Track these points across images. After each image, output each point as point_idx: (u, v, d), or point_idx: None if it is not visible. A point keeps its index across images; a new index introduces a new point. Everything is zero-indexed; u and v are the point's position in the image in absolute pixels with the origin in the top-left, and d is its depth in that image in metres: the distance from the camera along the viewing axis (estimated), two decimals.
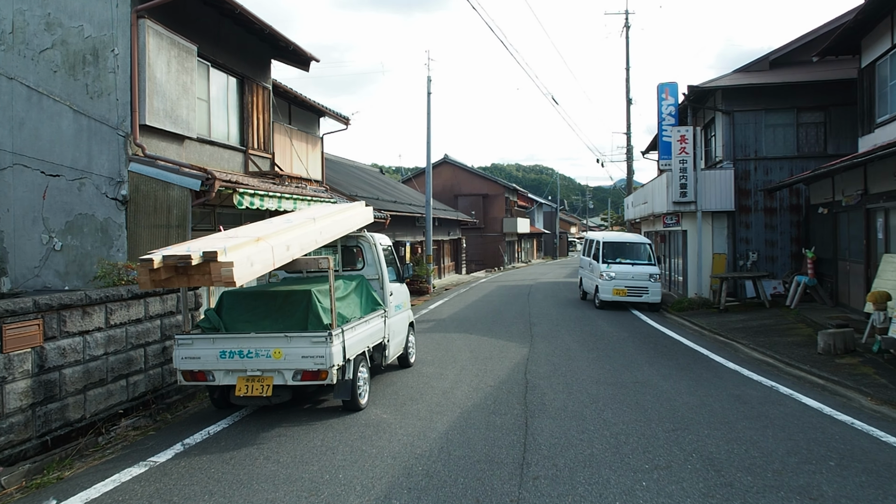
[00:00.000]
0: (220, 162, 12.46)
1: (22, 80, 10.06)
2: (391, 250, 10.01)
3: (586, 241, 21.67)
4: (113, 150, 9.86)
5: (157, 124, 10.19)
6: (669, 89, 21.52)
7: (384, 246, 9.63)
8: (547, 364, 10.31)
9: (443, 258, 34.51)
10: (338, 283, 8.22)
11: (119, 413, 7.65)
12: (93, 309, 7.31)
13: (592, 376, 9.38)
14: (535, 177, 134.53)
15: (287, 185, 14.16)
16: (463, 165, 50.48)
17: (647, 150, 29.47)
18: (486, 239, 48.21)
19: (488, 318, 16.48)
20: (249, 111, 13.63)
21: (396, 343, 9.40)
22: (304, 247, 7.15)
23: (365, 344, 7.94)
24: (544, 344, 12.29)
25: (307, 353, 6.80)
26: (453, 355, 11.15)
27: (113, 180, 9.86)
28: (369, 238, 9.06)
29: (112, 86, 9.87)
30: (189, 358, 7.07)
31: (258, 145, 13.99)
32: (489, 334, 13.59)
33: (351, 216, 8.98)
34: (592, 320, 15.85)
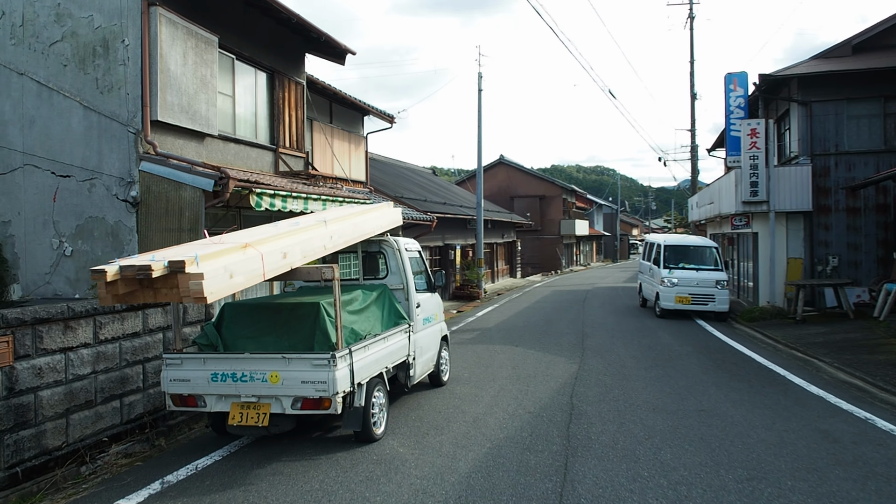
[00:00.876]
0: (247, 161, 11.71)
1: (32, 75, 9.50)
2: (420, 256, 8.99)
3: (646, 244, 20.16)
4: (123, 149, 9.19)
5: (172, 120, 9.46)
6: (738, 79, 19.82)
7: (411, 251, 8.61)
8: (597, 385, 9.07)
9: (496, 261, 33.35)
10: (355, 295, 7.26)
11: (109, 439, 6.87)
12: (77, 323, 6.55)
13: (649, 401, 8.12)
14: (595, 178, 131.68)
15: (320, 185, 13.34)
16: (519, 166, 49.18)
17: (714, 148, 27.58)
18: (543, 241, 46.75)
19: (538, 327, 15.27)
20: (280, 108, 12.87)
21: (425, 361, 8.37)
22: (307, 253, 6.20)
23: (382, 364, 6.93)
24: (596, 359, 11.03)
25: (308, 378, 5.83)
26: (493, 372, 10.04)
27: (123, 181, 9.18)
28: (392, 242, 8.06)
29: (122, 79, 9.19)
30: (178, 380, 6.21)
31: (290, 144, 13.21)
32: (536, 347, 12.40)
33: (372, 218, 8.00)
34: (652, 331, 14.43)
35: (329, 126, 17.72)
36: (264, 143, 12.38)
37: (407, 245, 8.41)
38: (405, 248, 8.20)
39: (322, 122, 17.32)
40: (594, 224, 59.97)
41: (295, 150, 13.37)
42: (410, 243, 8.65)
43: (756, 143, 16.67)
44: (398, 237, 8.29)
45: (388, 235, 8.15)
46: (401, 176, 27.76)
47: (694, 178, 31.20)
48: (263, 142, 12.37)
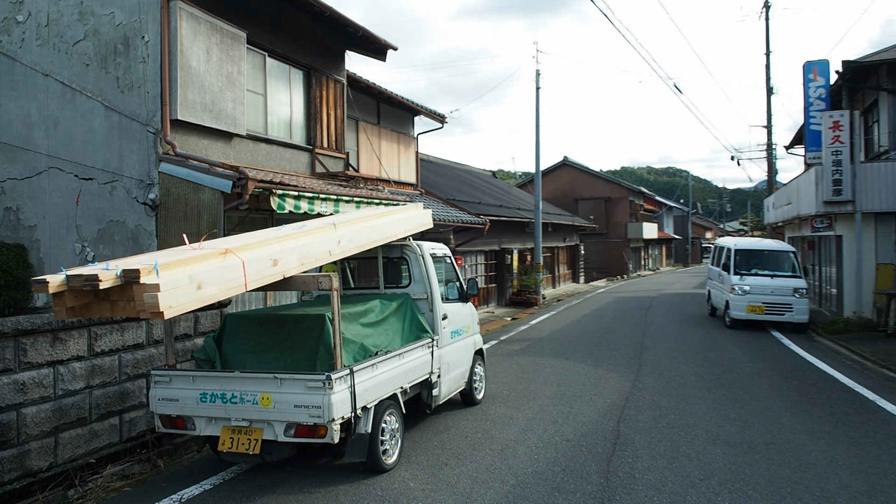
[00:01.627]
0: (279, 162, 11.22)
1: (57, 76, 9.25)
2: (450, 262, 8.19)
3: (715, 248, 18.70)
4: (142, 149, 8.80)
5: (194, 119, 9.02)
6: (818, 68, 18.18)
7: (438, 257, 7.83)
8: (650, 407, 8.04)
9: (557, 266, 32.18)
10: (371, 305, 6.55)
11: (106, 458, 6.37)
12: (68, 334, 6.07)
13: (709, 430, 7.05)
14: (667, 179, 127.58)
15: (360, 187, 12.75)
16: (583, 167, 47.68)
17: (792, 145, 25.64)
18: (609, 245, 45.11)
19: (593, 337, 14.20)
20: (317, 106, 12.34)
21: (453, 378, 7.56)
22: (306, 260, 5.50)
23: (396, 384, 6.17)
24: (653, 376, 9.94)
25: (301, 402, 5.13)
26: (535, 390, 9.13)
27: (143, 183, 8.79)
28: (415, 247, 7.29)
29: (142, 77, 8.81)
30: (166, 400, 5.63)
31: (328, 144, 12.67)
32: (588, 360, 11.39)
33: (394, 220, 7.26)
34: (720, 344, 13.15)
35: (376, 126, 17.19)
36: (300, 143, 11.87)
37: (433, 250, 7.62)
38: (430, 254, 7.41)
39: (369, 122, 16.79)
40: (663, 227, 57.64)
41: (333, 151, 12.82)
42: (437, 248, 7.86)
43: (839, 136, 15.07)
44: (423, 242, 7.51)
45: (411, 240, 7.38)
46: (457, 178, 27.05)
47: (770, 177, 29.17)
48: (299, 142, 11.86)
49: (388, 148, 17.87)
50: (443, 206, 18.97)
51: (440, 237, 18.27)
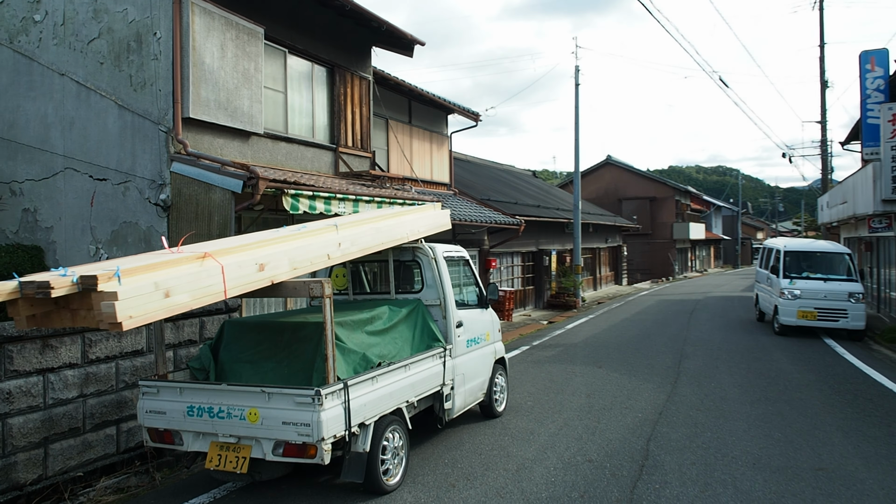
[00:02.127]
0: (301, 162, 10.91)
1: (72, 75, 9.11)
2: (468, 265, 7.71)
3: (763, 249, 17.70)
4: (154, 149, 8.56)
5: (207, 117, 8.75)
6: (876, 57, 17.07)
7: (454, 260, 7.35)
8: (686, 423, 7.41)
9: (599, 268, 31.32)
10: (378, 312, 6.12)
11: (101, 470, 6.09)
12: (59, 341, 5.81)
13: (749, 451, 6.39)
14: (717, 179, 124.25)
15: (386, 186, 12.36)
16: (627, 166, 46.52)
17: (848, 141, 24.28)
18: (654, 246, 43.88)
19: (631, 344, 13.51)
20: (341, 104, 12.00)
21: (469, 390, 7.07)
22: (300, 264, 5.10)
23: (401, 398, 5.72)
24: (692, 388, 9.26)
25: (289, 419, 4.72)
26: (562, 401, 8.57)
27: (154, 183, 8.55)
28: (427, 250, 6.82)
29: (154, 75, 8.58)
30: (154, 412, 5.29)
31: (353, 143, 12.32)
32: (623, 369, 10.75)
33: (406, 221, 6.81)
34: (767, 352, 12.31)
35: (407, 125, 16.80)
36: (322, 142, 11.54)
37: (448, 252, 7.14)
38: (444, 256, 6.93)
39: (399, 121, 16.42)
40: (711, 227, 55.89)
41: (359, 150, 12.46)
42: (453, 250, 7.38)
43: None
44: (436, 244, 7.03)
45: (423, 242, 6.91)
46: (494, 178, 26.51)
47: (825, 175, 27.77)
48: (322, 141, 11.53)
49: (420, 147, 17.47)
50: (476, 206, 18.47)
51: (474, 238, 17.79)
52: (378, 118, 15.21)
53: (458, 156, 26.76)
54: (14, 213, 9.57)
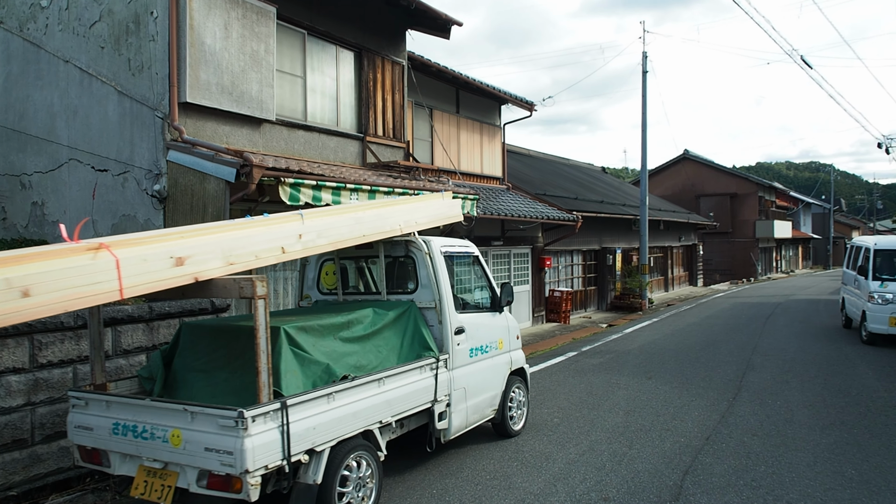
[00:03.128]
0: (322, 151, 10.19)
1: (76, 61, 8.70)
2: (478, 263, 6.71)
3: (851, 247, 15.77)
4: (151, 137, 8.01)
5: (208, 102, 8.13)
6: None
7: (457, 255, 6.39)
8: (736, 453, 6.17)
9: (671, 268, 29.46)
10: (359, 315, 5.27)
11: (50, 486, 5.49)
12: (2, 343, 5.23)
13: (812, 495, 5.14)
14: (809, 175, 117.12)
15: (420, 178, 11.50)
16: (707, 161, 43.96)
17: None
18: (735, 245, 41.24)
19: (691, 352, 12.12)
20: (370, 91, 11.23)
21: (475, 406, 6.10)
22: (239, 258, 4.27)
23: (372, 418, 4.83)
24: (752, 407, 7.94)
25: (213, 445, 3.91)
26: (595, 419, 7.46)
27: (151, 173, 8.00)
28: (420, 244, 5.86)
29: (151, 57, 8.03)
30: (82, 427, 4.60)
31: (384, 132, 11.52)
32: (675, 381, 9.48)
33: (401, 211, 5.91)
34: (850, 365, 10.69)
35: (454, 115, 15.90)
36: (348, 130, 10.79)
37: (448, 247, 6.16)
38: (442, 252, 5.96)
39: (445, 111, 15.53)
40: (800, 225, 52.25)
41: (390, 140, 11.65)
42: (456, 245, 6.40)
43: None
44: (433, 237, 6.07)
45: (416, 235, 5.96)
46: (555, 173, 25.23)
47: None
48: (347, 129, 10.79)
49: (469, 139, 16.53)
50: (530, 201, 17.36)
51: (525, 235, 16.71)
52: (420, 108, 14.40)
53: (518, 150, 25.66)
54: (24, 206, 9.28)
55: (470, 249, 6.54)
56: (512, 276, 16.22)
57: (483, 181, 17.03)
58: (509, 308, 6.84)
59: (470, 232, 14.30)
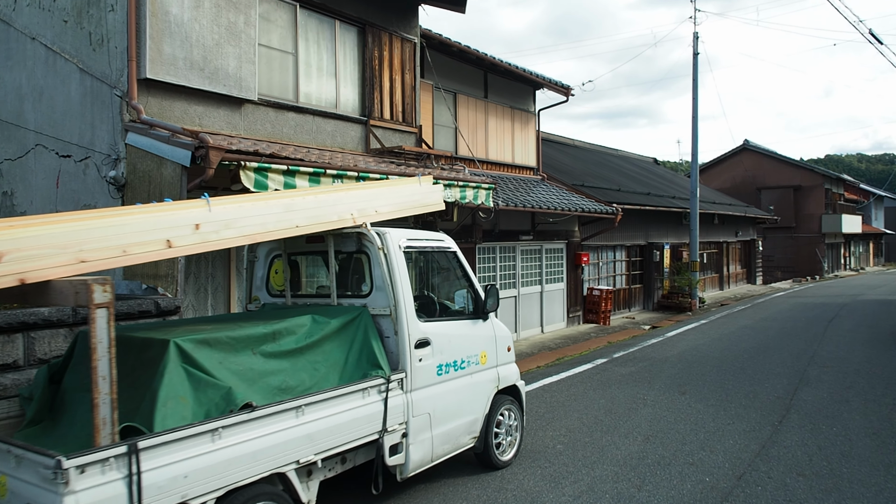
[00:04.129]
0: (316, 136, 9.25)
1: (42, 38, 8.00)
2: (456, 260, 5.58)
3: None
4: (110, 117, 7.21)
5: (174, 78, 7.28)
6: None
7: (424, 251, 5.31)
8: (774, 499, 4.91)
9: (726, 264, 27.56)
10: (292, 325, 4.30)
11: None
12: None
13: None
14: (882, 168, 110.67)
15: (431, 166, 10.47)
16: (769, 152, 41.39)
17: None
18: (798, 240, 38.65)
19: (738, 361, 10.70)
20: (375, 70, 10.23)
21: (445, 434, 5.02)
22: (95, 254, 3.34)
23: (286, 458, 3.83)
24: (802, 433, 6.60)
25: (33, 499, 2.97)
26: (606, 446, 6.28)
27: (109, 158, 7.20)
28: (374, 237, 4.78)
29: (111, 29, 7.22)
30: None
31: (391, 115, 10.52)
32: (713, 397, 8.17)
33: (353, 197, 4.89)
34: None
35: (481, 101, 14.77)
36: (349, 113, 9.83)
37: (411, 241, 5.05)
38: (401, 246, 4.88)
39: (471, 95, 14.42)
40: (871, 220, 48.84)
41: (399, 124, 10.65)
42: (423, 239, 5.28)
43: None
44: (391, 229, 4.98)
45: (368, 226, 4.88)
46: (599, 163, 23.77)
47: None
48: (348, 112, 9.83)
49: (498, 125, 15.38)
50: (566, 192, 16.08)
51: (559, 229, 15.45)
52: (444, 92, 13.34)
53: (560, 139, 24.31)
54: None
55: (445, 244, 5.43)
56: (544, 273, 15.01)
57: (514, 171, 15.85)
58: (496, 314, 5.71)
59: (494, 226, 13.19)
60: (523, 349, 12.69)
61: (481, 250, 12.95)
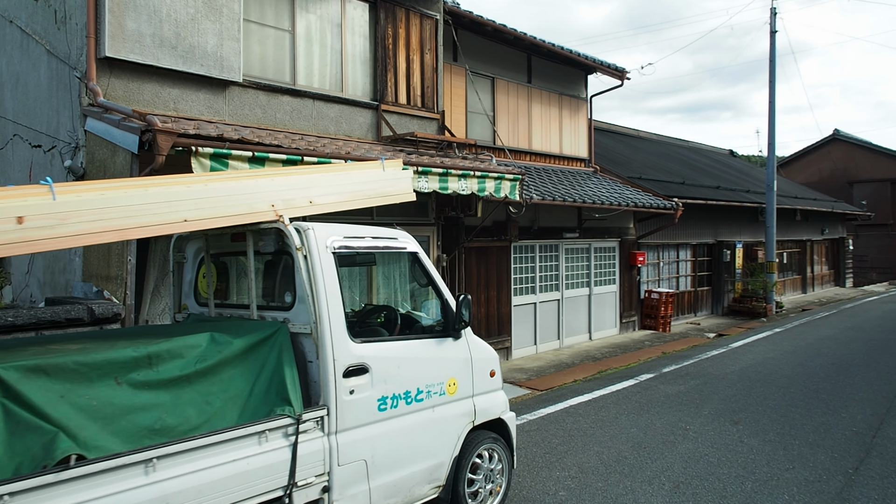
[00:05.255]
0: (317, 122, 8.35)
1: (18, 20, 7.42)
2: (418, 264, 4.45)
3: None
4: (69, 102, 6.51)
5: (140, 57, 6.51)
6: None
7: (373, 251, 4.23)
8: None
9: (810, 265, 25.17)
10: (180, 345, 3.38)
11: None
12: None
13: None
14: None
15: (452, 155, 9.40)
16: (862, 142, 37.95)
17: None
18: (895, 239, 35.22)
19: (811, 381, 9.12)
20: (388, 50, 9.25)
21: (393, 484, 3.94)
22: None
23: None
24: (883, 488, 5.16)
25: None
26: (621, 495, 5.06)
27: (69, 146, 6.50)
28: (293, 234, 3.71)
29: (72, 3, 6.52)
30: None
31: (408, 99, 9.52)
32: (771, 431, 6.75)
33: (276, 185, 3.90)
34: None
35: (524, 86, 13.55)
36: (357, 97, 8.89)
37: (347, 240, 3.95)
38: (332, 246, 3.81)
39: (512, 80, 13.23)
40: None
41: (418, 109, 9.63)
42: (368, 237, 4.15)
43: None
44: (319, 224, 3.90)
45: (286, 221, 3.81)
46: (664, 154, 22.01)
47: None
48: (357, 96, 8.89)
49: (543, 113, 14.11)
50: (620, 185, 14.65)
51: (611, 227, 14.04)
52: (479, 77, 12.24)
53: (620, 129, 22.68)
54: None
55: (399, 243, 4.33)
56: (592, 274, 13.65)
57: (561, 162, 14.54)
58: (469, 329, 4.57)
59: (532, 222, 11.98)
60: (564, 359, 11.44)
61: (517, 249, 11.76)
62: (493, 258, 11.15)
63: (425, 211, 9.90)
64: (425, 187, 7.67)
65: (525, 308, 11.93)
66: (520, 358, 11.52)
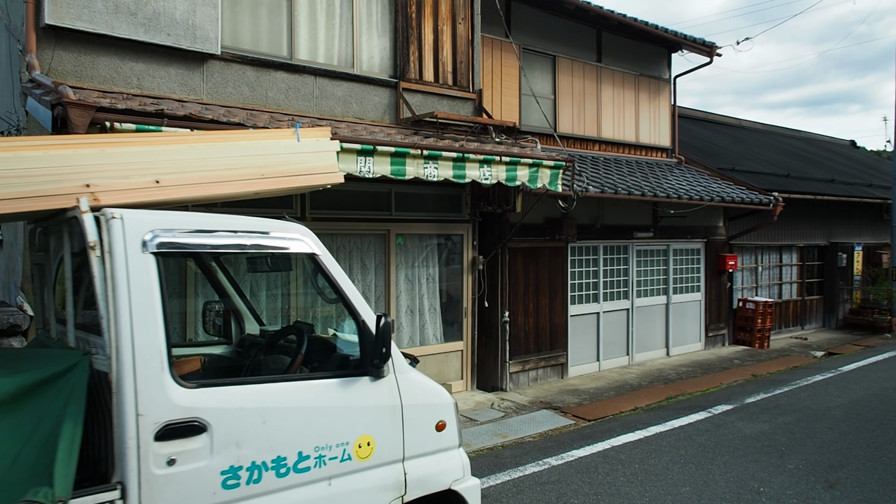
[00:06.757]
0: (318, 103, 7.23)
1: None
2: (319, 271, 3.13)
3: None
4: (10, 79, 5.70)
5: (90, 25, 5.60)
6: None
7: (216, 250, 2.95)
8: None
9: None
10: None
11: None
12: None
13: None
14: None
15: (485, 140, 8.03)
16: None
17: None
18: None
19: None
20: (412, 18, 8.01)
21: None
22: None
23: None
24: None
25: None
26: None
27: (12, 128, 5.69)
28: (89, 227, 2.48)
29: None
30: None
31: (436, 76, 8.24)
32: (885, 497, 4.94)
33: (102, 157, 2.73)
34: None
35: (592, 65, 11.93)
36: (373, 73, 7.72)
37: (178, 235, 2.65)
38: (147, 243, 2.55)
39: (578, 59, 11.65)
40: None
41: (448, 87, 8.36)
42: (223, 233, 2.85)
43: None
44: (139, 211, 2.67)
45: (81, 206, 2.59)
46: (767, 145, 19.46)
47: None
48: (373, 72, 7.73)
49: (616, 96, 12.41)
50: (706, 178, 12.71)
51: (694, 226, 12.12)
52: (535, 55, 10.80)
53: (718, 118, 20.32)
54: None
55: (279, 242, 3.01)
56: (671, 280, 11.81)
57: (637, 152, 12.77)
58: (404, 363, 3.21)
59: (595, 220, 10.36)
60: (630, 379, 9.77)
61: (575, 251, 10.17)
62: (545, 260, 9.64)
63: (458, 206, 8.59)
64: (433, 175, 6.38)
65: (585, 318, 10.32)
66: (577, 377, 9.95)
